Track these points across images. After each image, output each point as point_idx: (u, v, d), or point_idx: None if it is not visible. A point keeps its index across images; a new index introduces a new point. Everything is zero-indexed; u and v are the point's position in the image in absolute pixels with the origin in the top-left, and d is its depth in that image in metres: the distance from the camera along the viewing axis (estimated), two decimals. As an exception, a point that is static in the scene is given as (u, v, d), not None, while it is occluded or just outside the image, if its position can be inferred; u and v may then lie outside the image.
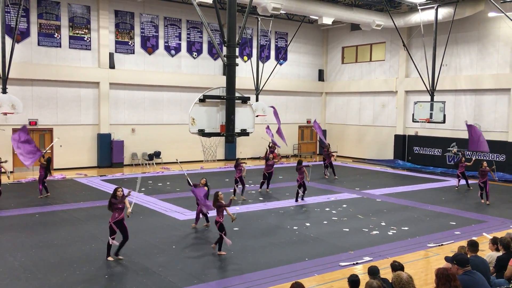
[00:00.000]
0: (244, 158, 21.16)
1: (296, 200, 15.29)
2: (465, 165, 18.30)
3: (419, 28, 22.89)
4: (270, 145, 19.88)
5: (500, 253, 7.42)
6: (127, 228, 9.61)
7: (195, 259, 9.64)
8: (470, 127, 17.16)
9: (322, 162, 22.21)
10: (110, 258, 9.43)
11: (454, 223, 12.98)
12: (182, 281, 8.37)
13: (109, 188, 17.16)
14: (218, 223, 9.85)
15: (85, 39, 22.01)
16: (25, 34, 20.48)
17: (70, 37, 21.61)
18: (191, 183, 11.61)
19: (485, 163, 15.70)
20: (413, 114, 22.44)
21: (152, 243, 10.63)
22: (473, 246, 6.99)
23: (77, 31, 21.78)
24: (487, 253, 7.68)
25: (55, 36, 21.23)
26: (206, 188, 11.53)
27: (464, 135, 23.07)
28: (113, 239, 9.43)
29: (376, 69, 27.71)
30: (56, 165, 21.52)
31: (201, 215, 12.01)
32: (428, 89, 21.85)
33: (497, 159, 21.64)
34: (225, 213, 9.97)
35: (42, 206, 14.08)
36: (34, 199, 15.21)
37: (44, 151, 16.53)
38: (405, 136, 25.88)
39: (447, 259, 6.48)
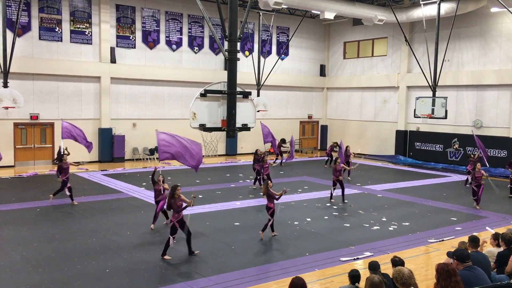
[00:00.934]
0: (249, 154, 21.15)
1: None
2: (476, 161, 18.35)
3: (422, 23, 22.80)
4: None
5: (501, 249, 7.42)
6: (186, 223, 9.44)
7: (196, 255, 9.64)
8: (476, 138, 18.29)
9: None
10: (166, 257, 9.22)
11: (455, 219, 12.98)
12: (182, 275, 8.39)
13: (110, 183, 17.19)
14: (271, 209, 10.70)
15: (86, 33, 21.97)
16: (26, 28, 20.44)
17: (71, 31, 21.57)
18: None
19: (479, 165, 14.47)
20: (414, 110, 22.39)
21: (153, 238, 10.64)
22: (474, 241, 6.97)
23: (78, 25, 21.74)
24: (487, 249, 7.67)
25: (56, 30, 21.19)
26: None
27: (466, 130, 23.10)
28: (173, 238, 9.27)
29: (378, 64, 27.63)
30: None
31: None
32: (430, 84, 21.78)
33: (499, 155, 21.61)
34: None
35: (43, 201, 14.10)
36: (35, 193, 15.24)
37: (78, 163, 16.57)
38: (407, 131, 25.83)
39: (448, 254, 6.48)
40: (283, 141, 23.36)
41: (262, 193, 11.43)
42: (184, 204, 9.42)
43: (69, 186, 13.62)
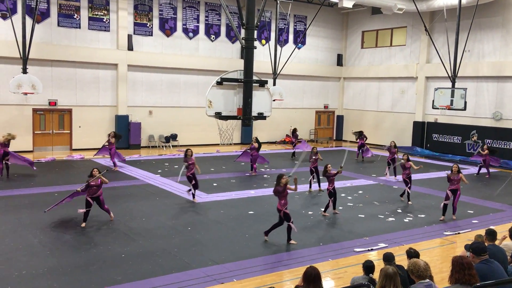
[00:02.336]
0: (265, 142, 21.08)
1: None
2: (486, 153, 18.18)
3: (442, 12, 22.37)
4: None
5: (518, 243, 7.31)
6: (289, 214, 9.66)
7: (210, 241, 9.72)
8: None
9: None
10: (292, 242, 9.62)
11: (472, 212, 12.83)
12: (197, 262, 8.45)
13: (127, 170, 17.34)
14: (328, 191, 11.80)
15: (104, 20, 22.06)
16: (45, 14, 20.61)
17: (89, 18, 21.68)
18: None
19: (455, 167, 12.09)
20: (433, 101, 22.08)
21: (168, 225, 10.74)
22: (491, 235, 6.90)
23: (96, 12, 21.83)
24: (504, 242, 7.57)
25: (75, 17, 21.32)
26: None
27: (485, 123, 22.73)
28: (292, 223, 9.58)
29: (396, 54, 27.26)
30: (74, 145, 21.81)
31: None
32: (450, 75, 21.43)
33: (518, 148, 21.25)
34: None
35: (61, 185, 14.30)
36: (53, 178, 15.46)
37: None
38: (424, 123, 25.52)
39: (466, 247, 6.41)
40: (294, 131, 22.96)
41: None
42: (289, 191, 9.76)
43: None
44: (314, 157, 14.81)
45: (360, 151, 21.97)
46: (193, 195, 13.08)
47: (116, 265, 8.21)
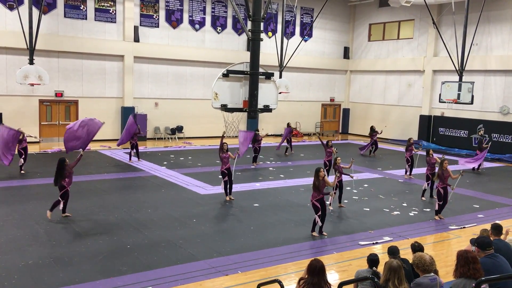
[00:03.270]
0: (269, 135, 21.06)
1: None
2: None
3: (450, 5, 22.16)
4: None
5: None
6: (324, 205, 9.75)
7: (215, 233, 9.75)
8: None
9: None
10: (315, 234, 9.72)
11: (478, 206, 12.79)
12: (202, 253, 8.49)
13: (132, 161, 17.39)
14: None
15: (111, 11, 22.05)
16: (51, 5, 20.62)
17: (96, 10, 21.68)
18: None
19: (446, 163, 11.33)
20: (440, 95, 21.95)
21: (174, 216, 10.79)
22: (497, 229, 6.86)
23: (102, 4, 21.82)
24: (509, 237, 7.54)
25: (81, 8, 21.32)
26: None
27: (492, 117, 22.59)
28: (319, 216, 9.63)
29: (403, 47, 27.08)
30: (81, 136, 21.88)
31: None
32: (457, 69, 21.28)
33: (525, 143, 21.11)
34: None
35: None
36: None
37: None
38: (431, 116, 25.39)
39: (471, 241, 6.40)
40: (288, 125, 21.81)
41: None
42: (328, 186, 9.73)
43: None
44: (329, 150, 14.77)
45: (372, 147, 21.24)
46: (225, 192, 12.38)
47: (122, 256, 8.27)
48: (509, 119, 22.05)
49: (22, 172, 14.72)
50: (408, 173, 16.40)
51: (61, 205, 10.20)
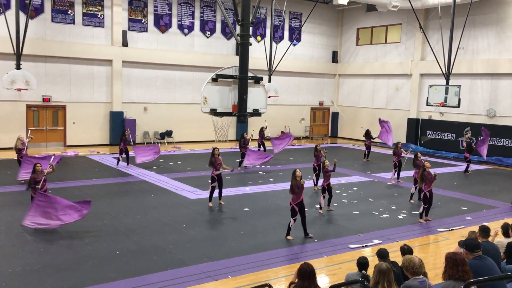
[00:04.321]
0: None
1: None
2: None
3: (437, 9, 22.41)
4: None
5: (510, 239, 7.38)
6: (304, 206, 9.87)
7: (205, 238, 9.73)
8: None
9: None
10: (289, 238, 9.75)
11: (465, 208, 12.91)
12: (192, 259, 8.46)
13: (121, 166, 17.29)
14: (322, 186, 12.10)
15: (99, 16, 21.95)
16: (39, 10, 20.48)
17: (84, 14, 21.57)
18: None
19: (428, 164, 11.36)
20: (427, 98, 22.15)
21: (163, 221, 10.74)
22: (484, 231, 6.95)
23: (90, 8, 21.72)
24: (497, 239, 7.63)
25: (69, 12, 21.20)
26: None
27: (479, 120, 22.83)
28: (294, 220, 9.71)
29: (391, 51, 27.31)
30: (68, 142, 21.74)
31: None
32: (444, 72, 21.50)
33: (512, 145, 21.38)
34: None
35: (55, 182, 14.23)
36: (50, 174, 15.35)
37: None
38: (418, 120, 25.61)
39: (459, 243, 6.45)
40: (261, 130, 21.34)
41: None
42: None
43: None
44: (318, 155, 14.78)
45: (367, 152, 21.09)
46: (210, 198, 12.35)
47: (111, 262, 8.21)
48: (495, 121, 22.32)
49: (22, 182, 14.05)
50: (395, 177, 16.37)
51: None
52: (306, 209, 12.08)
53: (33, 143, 20.92)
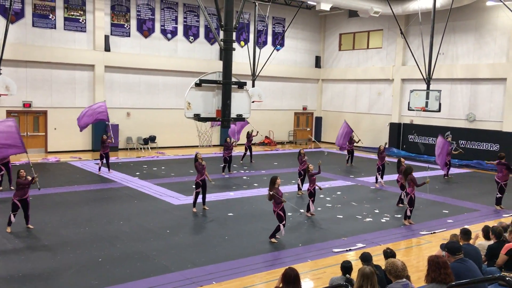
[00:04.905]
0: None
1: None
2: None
3: (417, 15, 22.74)
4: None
5: (491, 242, 7.50)
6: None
7: (190, 244, 9.68)
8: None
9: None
10: (273, 240, 9.82)
11: (447, 211, 13.08)
12: (176, 265, 8.41)
13: (103, 172, 17.12)
14: (309, 191, 12.05)
15: (80, 21, 21.76)
16: (19, 14, 20.22)
17: (65, 19, 21.36)
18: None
19: (404, 166, 12.24)
20: (408, 103, 22.42)
21: (147, 228, 10.65)
22: (466, 234, 7.04)
23: (72, 13, 21.52)
24: (478, 242, 7.75)
25: (50, 17, 20.97)
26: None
27: (459, 124, 23.20)
28: (283, 225, 9.80)
29: (373, 57, 27.62)
30: (50, 148, 21.45)
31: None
32: (424, 77, 21.81)
33: (491, 149, 21.75)
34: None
35: (35, 189, 14.01)
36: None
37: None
38: (400, 124, 25.91)
39: (441, 246, 6.53)
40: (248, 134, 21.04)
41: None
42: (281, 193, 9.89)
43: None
44: (302, 159, 14.82)
45: (349, 156, 21.10)
46: (194, 203, 12.30)
47: (93, 270, 8.11)
48: (475, 126, 22.71)
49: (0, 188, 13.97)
50: (380, 180, 16.51)
51: (12, 218, 10.02)
52: (289, 214, 12.16)
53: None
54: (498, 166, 13.51)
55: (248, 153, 20.83)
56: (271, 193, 9.67)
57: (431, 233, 10.94)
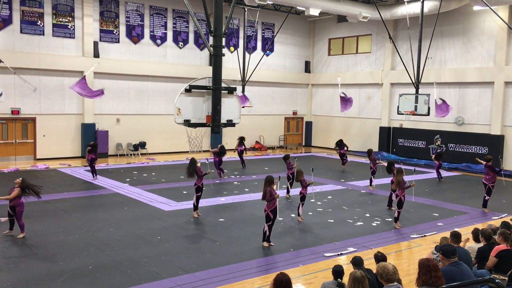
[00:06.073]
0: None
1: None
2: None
3: (405, 20, 22.96)
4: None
5: (480, 245, 7.55)
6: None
7: (180, 250, 9.63)
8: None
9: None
10: (266, 244, 9.90)
11: (437, 215, 13.16)
12: (166, 271, 8.35)
13: (93, 179, 16.99)
14: (301, 194, 11.94)
15: (69, 27, 21.66)
16: (7, 21, 20.07)
17: (54, 25, 21.24)
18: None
19: (395, 168, 12.34)
20: (398, 107, 22.59)
21: (137, 234, 10.58)
22: (456, 237, 7.09)
23: (60, 19, 21.41)
24: (468, 244, 7.80)
25: (38, 23, 20.85)
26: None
27: (448, 127, 23.40)
28: (268, 226, 9.84)
29: (362, 61, 27.79)
30: (39, 155, 21.26)
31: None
32: (413, 81, 21.99)
33: (480, 152, 21.95)
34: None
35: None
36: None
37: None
38: (390, 128, 26.08)
39: (436, 248, 6.55)
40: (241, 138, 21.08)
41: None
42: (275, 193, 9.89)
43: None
44: (291, 164, 14.88)
45: (343, 160, 21.12)
46: (195, 207, 12.28)
47: (83, 277, 8.03)
48: (463, 129, 22.92)
49: None
50: (372, 183, 16.70)
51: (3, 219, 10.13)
52: (280, 218, 12.16)
53: (1, 157, 20.43)
54: (486, 169, 13.72)
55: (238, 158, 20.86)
56: (268, 188, 9.67)
57: (422, 236, 10.99)
